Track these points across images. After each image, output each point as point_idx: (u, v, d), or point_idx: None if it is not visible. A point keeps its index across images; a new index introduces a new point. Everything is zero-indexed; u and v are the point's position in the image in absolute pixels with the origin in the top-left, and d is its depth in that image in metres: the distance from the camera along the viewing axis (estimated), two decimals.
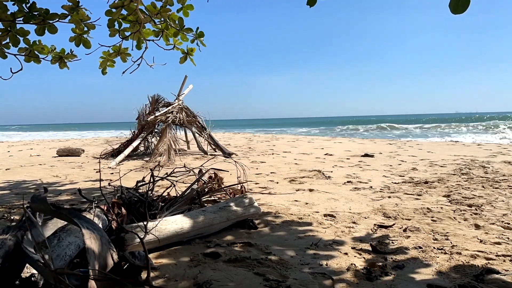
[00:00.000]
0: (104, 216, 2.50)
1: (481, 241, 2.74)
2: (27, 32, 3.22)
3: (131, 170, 6.49)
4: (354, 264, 2.31)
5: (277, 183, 5.37)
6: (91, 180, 5.83)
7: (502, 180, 5.17)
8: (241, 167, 4.52)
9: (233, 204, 3.13)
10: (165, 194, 3.49)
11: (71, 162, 8.42)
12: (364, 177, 5.77)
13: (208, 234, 2.86)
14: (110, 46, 3.84)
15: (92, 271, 1.59)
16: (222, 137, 17.45)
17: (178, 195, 3.40)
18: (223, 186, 3.97)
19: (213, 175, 4.17)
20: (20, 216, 3.36)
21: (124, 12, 3.36)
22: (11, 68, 3.27)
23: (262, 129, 35.21)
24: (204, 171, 4.16)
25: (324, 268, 2.28)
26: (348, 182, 5.34)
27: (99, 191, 2.77)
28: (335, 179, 5.58)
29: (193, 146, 10.67)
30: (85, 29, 3.43)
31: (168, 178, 3.70)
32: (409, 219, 3.34)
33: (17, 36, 3.20)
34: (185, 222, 2.70)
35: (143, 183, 3.41)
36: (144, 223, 2.47)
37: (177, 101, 9.72)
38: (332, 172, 6.30)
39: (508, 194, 4.33)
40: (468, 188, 4.71)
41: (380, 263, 2.31)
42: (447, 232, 2.95)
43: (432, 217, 3.39)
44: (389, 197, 4.31)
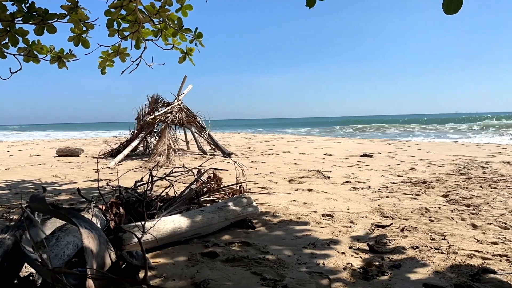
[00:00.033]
0: (103, 215, 2.51)
1: (478, 241, 2.75)
2: (26, 32, 3.22)
3: (130, 170, 6.50)
4: (351, 264, 2.32)
5: (276, 183, 5.38)
6: (90, 180, 5.84)
7: (500, 180, 5.18)
8: (240, 167, 4.53)
9: (232, 204, 3.14)
10: (163, 194, 3.50)
11: (70, 162, 8.43)
12: (363, 177, 5.78)
13: (206, 234, 2.87)
14: (109, 46, 3.85)
15: (90, 270, 1.60)
16: (222, 137, 17.46)
17: (177, 195, 3.41)
18: (221, 186, 3.98)
19: (212, 175, 4.18)
20: (19, 215, 3.37)
21: (123, 12, 3.37)
22: (10, 68, 3.28)
23: (262, 129, 35.22)
24: (203, 171, 4.17)
25: (321, 267, 2.29)
26: (346, 182, 5.35)
27: (98, 191, 2.78)
28: (334, 179, 5.59)
29: (192, 146, 10.68)
30: (84, 29, 3.45)
31: (166, 178, 3.71)
32: (406, 219, 3.35)
33: (16, 36, 3.21)
34: (183, 222, 2.71)
35: (142, 183, 3.42)
36: (142, 222, 2.48)
37: (176, 101, 9.73)
38: (331, 172, 6.31)
39: (506, 194, 4.34)
40: (466, 188, 4.72)
41: (377, 263, 2.32)
42: (444, 232, 2.96)
43: (429, 217, 3.40)
44: (387, 197, 4.32)
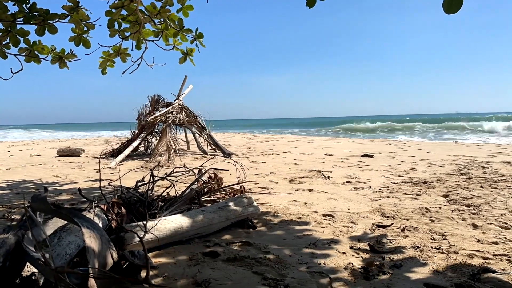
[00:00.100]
0: (104, 215, 2.51)
1: (478, 241, 2.76)
2: (27, 33, 3.23)
3: (131, 170, 6.51)
4: (352, 263, 2.33)
5: (277, 183, 5.39)
6: (91, 180, 5.85)
7: (500, 180, 5.18)
8: (240, 167, 4.53)
9: (232, 204, 3.14)
10: (164, 194, 3.51)
11: (71, 162, 8.44)
12: (363, 177, 5.78)
13: (207, 234, 2.88)
14: (110, 46, 3.86)
15: (92, 270, 1.61)
16: (222, 137, 17.46)
17: (178, 195, 3.42)
18: (222, 186, 3.99)
19: (213, 175, 4.19)
20: (20, 215, 3.38)
21: (124, 12, 3.38)
22: (11, 68, 3.29)
23: (262, 129, 35.22)
24: (203, 171, 4.18)
25: (322, 267, 2.30)
26: (347, 182, 5.36)
27: (99, 191, 2.79)
28: (334, 179, 5.59)
29: (193, 146, 10.69)
30: (85, 29, 3.45)
31: (167, 178, 3.72)
32: (407, 219, 3.36)
33: (17, 36, 3.22)
34: (184, 221, 2.72)
35: (143, 183, 3.43)
36: (144, 222, 2.48)
37: (177, 101, 9.74)
38: (331, 172, 6.31)
39: (506, 194, 4.34)
40: (467, 188, 4.72)
41: (377, 262, 2.32)
42: (445, 232, 2.97)
43: (430, 217, 3.41)
44: (387, 197, 4.33)
